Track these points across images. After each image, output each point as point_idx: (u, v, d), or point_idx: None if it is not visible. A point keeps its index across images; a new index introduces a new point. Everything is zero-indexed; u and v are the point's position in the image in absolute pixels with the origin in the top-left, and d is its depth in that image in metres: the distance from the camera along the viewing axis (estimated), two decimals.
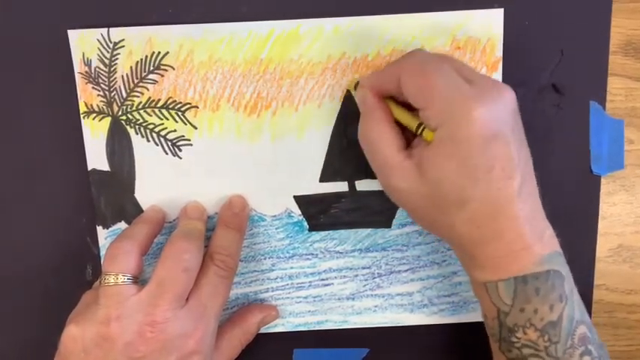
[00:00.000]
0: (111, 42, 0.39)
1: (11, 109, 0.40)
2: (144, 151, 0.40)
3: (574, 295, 0.34)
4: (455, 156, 0.31)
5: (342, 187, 0.41)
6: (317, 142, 0.40)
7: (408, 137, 0.36)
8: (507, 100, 0.32)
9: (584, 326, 0.33)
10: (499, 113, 0.31)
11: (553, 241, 0.34)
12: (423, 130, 0.34)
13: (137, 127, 0.40)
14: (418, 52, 0.35)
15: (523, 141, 0.33)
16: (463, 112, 0.31)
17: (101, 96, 0.40)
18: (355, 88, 0.38)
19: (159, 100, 0.40)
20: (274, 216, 0.41)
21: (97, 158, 0.40)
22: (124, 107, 0.40)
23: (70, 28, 0.39)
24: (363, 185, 0.41)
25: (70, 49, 0.39)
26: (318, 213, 0.41)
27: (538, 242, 0.32)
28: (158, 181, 0.41)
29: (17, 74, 0.39)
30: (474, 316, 0.43)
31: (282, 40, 0.39)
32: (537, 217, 0.33)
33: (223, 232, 0.39)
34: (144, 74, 0.39)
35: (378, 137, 0.35)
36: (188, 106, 0.40)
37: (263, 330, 0.42)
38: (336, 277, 0.42)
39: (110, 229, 0.41)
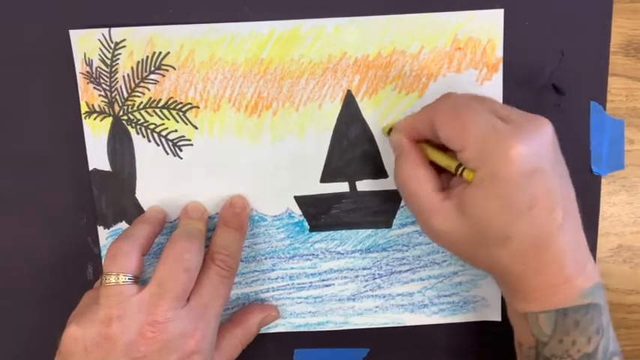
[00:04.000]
0: (112, 42, 0.39)
1: (12, 108, 0.40)
2: (145, 151, 0.40)
3: (610, 326, 0.34)
4: (496, 195, 0.32)
5: (342, 187, 0.41)
6: (318, 143, 0.40)
7: (442, 178, 0.36)
8: (545, 134, 0.32)
9: (617, 358, 0.34)
10: (537, 148, 0.31)
11: (594, 272, 0.34)
12: (462, 170, 0.34)
13: (138, 127, 0.40)
14: (451, 95, 0.35)
15: (564, 173, 0.34)
16: (501, 152, 0.31)
17: (102, 96, 0.40)
18: (389, 133, 0.38)
19: (160, 100, 0.40)
20: (275, 216, 0.42)
21: (98, 158, 0.40)
22: (125, 107, 0.40)
23: (71, 29, 0.39)
24: (363, 185, 0.41)
25: (71, 49, 0.39)
26: (319, 213, 0.41)
27: (580, 275, 0.33)
28: (159, 181, 0.41)
29: (19, 74, 0.39)
30: (473, 316, 0.43)
31: (283, 41, 0.39)
32: (580, 248, 0.34)
33: (224, 232, 0.39)
34: (145, 74, 0.39)
35: (415, 181, 0.35)
36: (189, 106, 0.40)
37: (263, 330, 0.42)
38: (336, 278, 0.42)
39: (111, 229, 0.41)
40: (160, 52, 0.39)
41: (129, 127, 0.40)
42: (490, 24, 0.39)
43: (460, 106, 0.33)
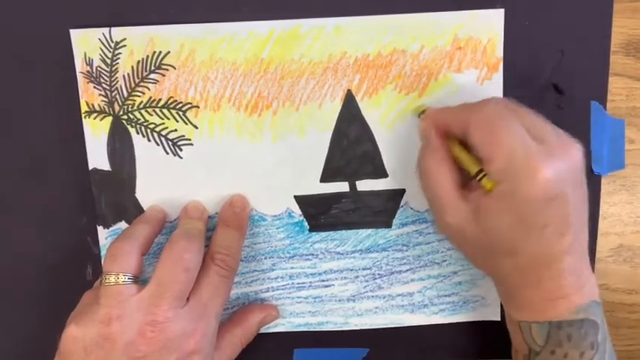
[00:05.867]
0: (112, 41, 0.39)
1: (13, 108, 0.40)
2: (145, 151, 0.40)
3: (607, 343, 0.34)
4: (513, 211, 0.32)
5: (342, 187, 0.41)
6: (318, 142, 0.40)
7: (463, 173, 0.36)
8: (574, 159, 0.32)
9: None
10: (563, 174, 0.32)
11: (593, 291, 0.34)
12: (483, 177, 0.34)
13: (138, 126, 0.40)
14: (490, 102, 0.34)
15: (583, 196, 0.34)
16: (527, 173, 0.31)
17: (102, 95, 0.40)
18: (419, 115, 0.38)
19: (160, 99, 0.40)
20: (275, 216, 0.41)
21: (97, 158, 0.40)
22: (125, 107, 0.40)
23: (71, 28, 0.39)
24: (363, 185, 0.41)
25: (71, 49, 0.39)
26: (319, 213, 0.41)
27: (577, 292, 0.33)
28: (159, 181, 0.41)
29: (19, 73, 0.39)
30: (473, 315, 0.43)
31: (283, 40, 0.39)
32: (582, 268, 0.34)
33: (224, 231, 0.39)
34: (145, 74, 0.39)
35: (437, 175, 0.35)
36: (189, 105, 0.40)
37: (263, 330, 0.42)
38: (336, 279, 0.42)
39: (111, 228, 0.41)
40: (160, 52, 0.39)
41: (129, 127, 0.40)
42: (490, 24, 0.39)
43: (496, 117, 0.33)
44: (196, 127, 0.40)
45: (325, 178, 0.41)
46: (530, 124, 0.33)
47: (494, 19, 0.39)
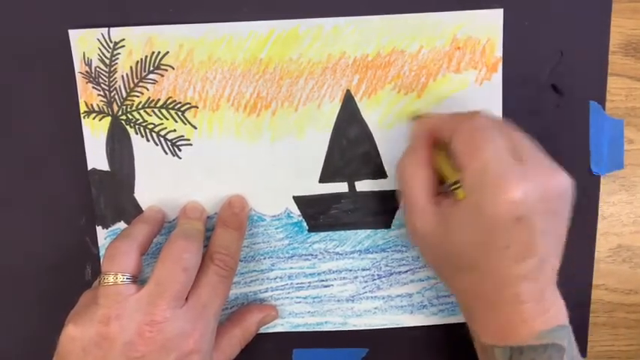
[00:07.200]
0: (111, 42, 0.39)
1: (11, 108, 0.40)
2: (144, 151, 0.40)
3: None
4: (476, 226, 0.32)
5: (341, 187, 0.41)
6: (317, 142, 0.40)
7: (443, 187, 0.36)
8: (551, 186, 0.32)
9: None
10: (532, 198, 0.31)
11: (559, 315, 0.33)
12: (457, 187, 0.34)
13: (137, 126, 0.40)
14: (480, 115, 0.34)
15: (559, 224, 0.33)
16: (495, 190, 0.31)
17: (101, 96, 0.40)
18: (413, 119, 0.38)
19: (158, 99, 0.40)
20: (274, 216, 0.41)
21: (96, 158, 0.40)
22: (124, 107, 0.40)
23: (70, 28, 0.39)
24: (362, 186, 0.41)
25: (70, 49, 0.39)
26: (318, 213, 0.41)
27: (539, 318, 0.32)
28: (158, 181, 0.41)
29: (18, 74, 0.40)
30: None
31: (282, 40, 0.39)
32: (545, 296, 0.33)
33: (223, 231, 0.39)
34: (144, 74, 0.39)
35: (413, 175, 0.35)
36: (188, 106, 0.40)
37: (262, 330, 0.42)
38: (335, 279, 0.42)
39: (110, 228, 0.41)
40: (159, 52, 0.39)
41: (128, 127, 0.40)
42: (489, 24, 0.39)
43: (480, 130, 0.33)
44: (195, 128, 0.40)
45: (324, 178, 0.41)
46: (517, 144, 0.32)
47: (493, 20, 0.39)
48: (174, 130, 0.40)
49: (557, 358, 0.32)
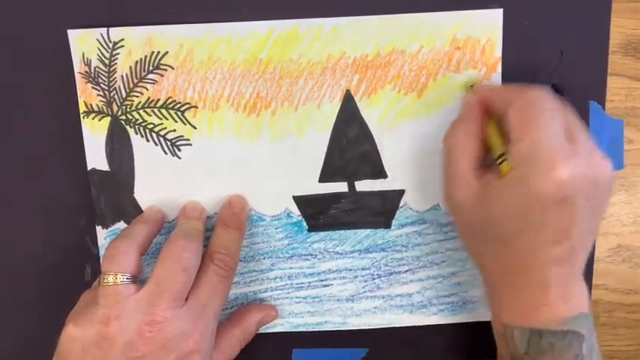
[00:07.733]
0: (111, 42, 0.39)
1: (11, 108, 0.40)
2: (143, 151, 0.40)
3: (592, 356, 0.33)
4: (518, 200, 0.32)
5: (341, 187, 0.41)
6: (316, 142, 0.40)
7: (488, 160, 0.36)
8: (597, 171, 0.32)
9: None
10: (579, 180, 0.31)
11: (583, 304, 0.33)
12: (502, 160, 0.34)
13: (137, 126, 0.40)
14: (539, 90, 0.34)
15: (596, 212, 0.33)
16: (545, 166, 0.31)
17: (101, 96, 0.40)
18: (468, 88, 0.38)
19: (158, 99, 0.40)
20: (274, 216, 0.41)
21: (96, 158, 0.40)
22: (124, 107, 0.40)
23: (69, 28, 0.39)
24: (362, 185, 0.41)
25: (69, 49, 0.39)
26: (318, 213, 0.41)
27: (563, 304, 0.32)
28: (157, 181, 0.41)
29: (17, 74, 0.39)
30: (473, 316, 0.43)
31: (282, 40, 0.39)
32: (571, 283, 0.33)
33: (223, 231, 0.39)
34: (143, 74, 0.39)
35: (462, 145, 0.35)
36: (187, 106, 0.40)
37: (262, 330, 0.42)
38: (335, 279, 0.42)
39: (109, 228, 0.41)
40: (159, 52, 0.39)
41: (127, 127, 0.40)
42: (489, 24, 0.39)
43: (537, 105, 0.32)
44: (195, 128, 0.40)
45: (324, 178, 0.41)
46: (571, 124, 0.33)
47: (493, 20, 0.39)
48: (174, 130, 0.40)
49: (577, 346, 0.32)
